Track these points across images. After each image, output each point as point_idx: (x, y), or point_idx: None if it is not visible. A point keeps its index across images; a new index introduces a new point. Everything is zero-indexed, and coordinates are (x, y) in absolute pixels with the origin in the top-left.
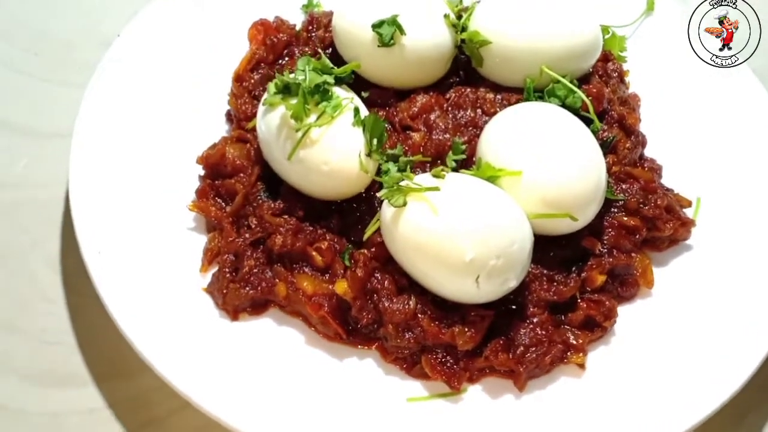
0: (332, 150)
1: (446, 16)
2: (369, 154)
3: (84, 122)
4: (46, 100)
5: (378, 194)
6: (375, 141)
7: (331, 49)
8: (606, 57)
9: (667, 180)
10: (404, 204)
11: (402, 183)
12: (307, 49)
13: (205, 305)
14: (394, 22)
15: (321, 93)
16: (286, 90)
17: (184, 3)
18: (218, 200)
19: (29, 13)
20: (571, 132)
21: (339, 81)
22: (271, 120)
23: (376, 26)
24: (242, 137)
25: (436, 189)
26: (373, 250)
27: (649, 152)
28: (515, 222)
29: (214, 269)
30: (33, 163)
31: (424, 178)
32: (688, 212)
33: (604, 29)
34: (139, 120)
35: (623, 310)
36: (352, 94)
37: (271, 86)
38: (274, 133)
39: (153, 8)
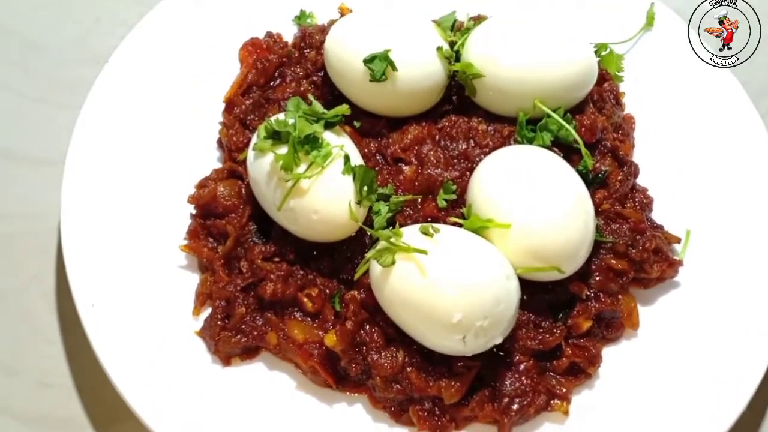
0: (322, 199)
1: (439, 48)
2: (359, 202)
3: (75, 157)
4: (37, 122)
5: (366, 255)
6: (365, 189)
7: (323, 72)
8: (602, 77)
9: (658, 206)
10: (393, 263)
11: (391, 239)
12: (299, 70)
13: (198, 349)
14: (385, 57)
15: (311, 142)
16: (276, 136)
17: (175, 22)
18: (210, 240)
19: (19, 23)
20: (559, 183)
21: (329, 125)
22: (260, 166)
23: (368, 61)
24: (234, 170)
25: (424, 252)
26: (362, 295)
27: (642, 173)
28: (503, 281)
29: (207, 311)
30: (25, 192)
31: (412, 234)
32: (678, 247)
33: (602, 46)
34: (130, 151)
35: (608, 351)
36: (342, 140)
37: (261, 130)
38: (264, 179)
39: (142, 30)
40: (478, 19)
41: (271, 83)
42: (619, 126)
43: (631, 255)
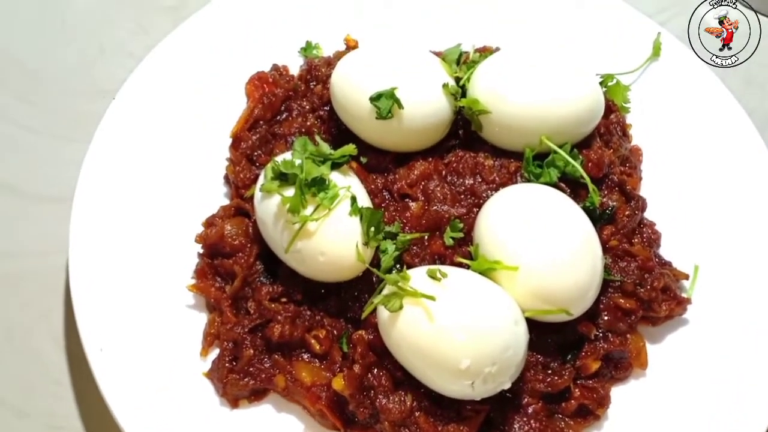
0: (329, 241)
1: (445, 85)
2: (366, 243)
3: (82, 196)
4: (42, 156)
5: (374, 300)
6: (372, 230)
7: (329, 107)
8: (609, 109)
9: (666, 239)
10: (401, 308)
11: (398, 284)
12: (305, 104)
13: (206, 391)
14: (392, 95)
15: (318, 184)
16: (283, 177)
17: (182, 56)
18: (218, 279)
19: (21, 52)
20: (566, 224)
21: (336, 166)
22: (267, 207)
23: (374, 99)
24: (241, 207)
25: (432, 298)
26: (370, 336)
27: (649, 206)
28: (511, 327)
29: (215, 351)
30: (32, 229)
31: (420, 277)
32: (685, 283)
33: (608, 77)
34: (138, 188)
35: (616, 391)
36: (349, 180)
37: (268, 171)
38: (272, 220)
39: (149, 64)
40: (484, 51)
41: (278, 117)
42: (626, 158)
43: (639, 294)
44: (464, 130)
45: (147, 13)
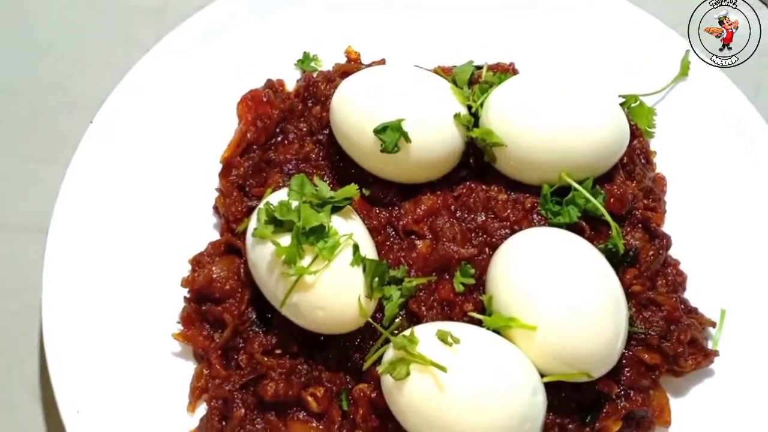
0: (329, 294)
1: (456, 115)
2: (369, 296)
3: (57, 232)
4: (15, 181)
5: (378, 370)
6: (376, 281)
7: (328, 131)
8: (632, 133)
9: (691, 279)
10: (407, 375)
11: (406, 348)
12: (302, 126)
13: None
14: (398, 128)
15: (317, 233)
16: (278, 222)
17: (168, 70)
18: (206, 326)
19: None
20: (589, 277)
21: (336, 209)
22: (261, 252)
23: (379, 132)
24: (231, 244)
25: (443, 369)
26: (373, 394)
27: (674, 241)
28: (530, 397)
29: (203, 406)
30: (1, 264)
31: (428, 339)
32: (711, 330)
33: (631, 98)
34: (119, 220)
35: None
36: (350, 225)
37: (261, 214)
38: (265, 269)
39: (131, 80)
40: (497, 69)
41: (272, 140)
42: (650, 190)
43: (664, 348)
44: (476, 159)
45: (127, 17)
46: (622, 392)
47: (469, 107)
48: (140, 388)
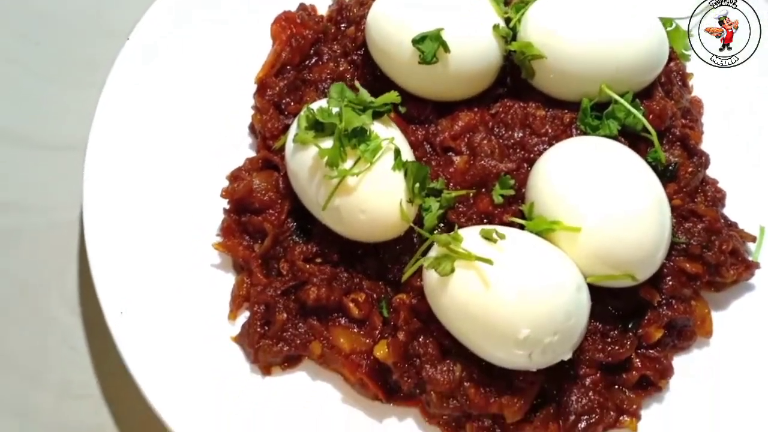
0: (370, 198)
1: (495, 26)
2: (410, 201)
3: (96, 147)
4: (52, 103)
5: (424, 264)
6: (417, 186)
7: (363, 50)
8: (668, 56)
9: (729, 198)
10: (452, 271)
11: (450, 245)
12: (336, 47)
13: (235, 357)
14: (437, 37)
15: (359, 135)
16: (319, 126)
17: None
18: (245, 237)
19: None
20: (633, 179)
21: (377, 114)
22: (301, 159)
23: (417, 41)
24: (268, 160)
25: (489, 262)
26: (414, 301)
27: (711, 163)
28: (574, 293)
29: (244, 314)
30: (41, 182)
31: (472, 237)
32: (750, 245)
33: (667, 22)
34: (155, 140)
35: (678, 361)
36: (392, 131)
37: (302, 120)
38: (306, 175)
39: (163, 3)
40: None
41: (307, 62)
42: (687, 111)
43: (706, 257)
44: (512, 77)
45: None
46: (664, 301)
47: (508, 20)
48: (181, 297)
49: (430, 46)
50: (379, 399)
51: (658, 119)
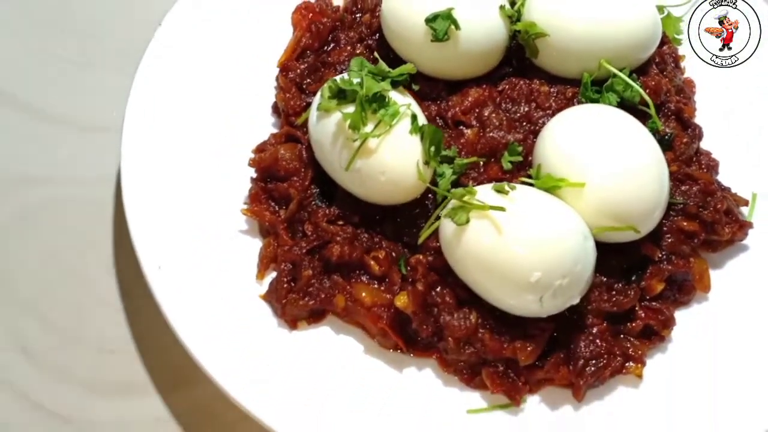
0: (390, 160)
1: (502, 7)
2: (427, 162)
3: (131, 126)
4: (86, 87)
5: (441, 214)
6: (433, 149)
7: (378, 35)
8: (662, 41)
9: (723, 172)
10: (467, 221)
11: (465, 198)
12: (352, 34)
13: (263, 313)
14: (449, 16)
15: (378, 101)
16: (341, 95)
17: None
18: (271, 203)
19: None
20: (633, 139)
21: (394, 84)
22: (325, 127)
23: (430, 20)
24: (291, 134)
25: (502, 209)
26: (430, 258)
27: (704, 142)
28: (580, 240)
29: (270, 275)
30: (78, 158)
31: (486, 193)
32: (744, 210)
33: (659, 9)
34: (185, 117)
35: (679, 315)
36: (408, 99)
37: (325, 90)
38: (330, 140)
39: None
40: None
41: (325, 47)
42: (681, 89)
43: (702, 216)
44: (518, 58)
45: None
46: (664, 257)
47: (513, 3)
48: (212, 258)
49: (442, 24)
50: (399, 349)
51: (654, 93)
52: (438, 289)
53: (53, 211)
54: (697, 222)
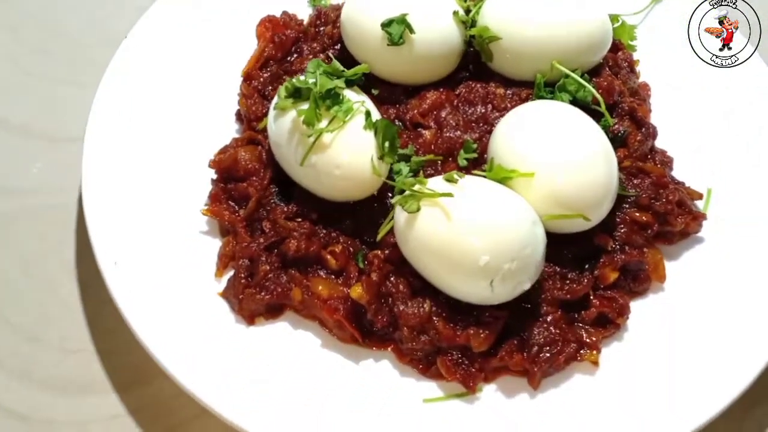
0: (344, 154)
1: (455, 13)
2: (381, 158)
3: (94, 129)
4: (58, 101)
5: (392, 200)
6: (387, 144)
7: (339, 45)
8: (616, 47)
9: (678, 171)
10: (418, 209)
11: (415, 188)
12: (315, 45)
13: (221, 310)
14: (403, 21)
15: (332, 97)
16: (297, 94)
17: (192, 3)
18: (231, 204)
19: (38, 9)
20: (581, 131)
21: (349, 83)
22: (282, 124)
23: (386, 25)
24: (253, 138)
25: (450, 195)
26: (387, 252)
27: (659, 143)
28: (528, 225)
29: (229, 274)
30: (47, 168)
31: (437, 182)
32: (699, 204)
33: (614, 18)
34: (149, 123)
35: (635, 305)
36: (363, 97)
37: (282, 90)
38: (286, 138)
39: (159, 8)
40: None
41: (288, 58)
42: (635, 92)
43: (655, 207)
44: (474, 63)
45: None
46: (618, 247)
47: (468, 11)
48: (171, 256)
49: (397, 28)
50: (355, 341)
51: (607, 93)
52: (392, 279)
53: (16, 219)
54: (650, 213)
